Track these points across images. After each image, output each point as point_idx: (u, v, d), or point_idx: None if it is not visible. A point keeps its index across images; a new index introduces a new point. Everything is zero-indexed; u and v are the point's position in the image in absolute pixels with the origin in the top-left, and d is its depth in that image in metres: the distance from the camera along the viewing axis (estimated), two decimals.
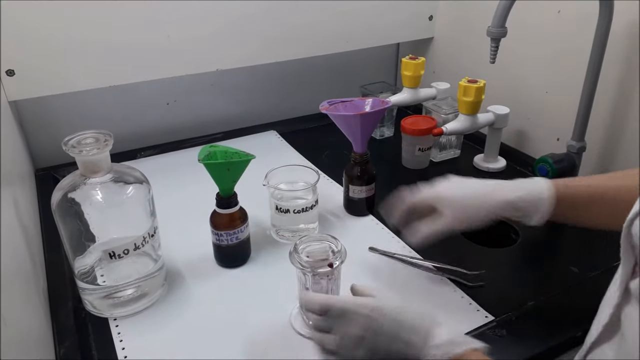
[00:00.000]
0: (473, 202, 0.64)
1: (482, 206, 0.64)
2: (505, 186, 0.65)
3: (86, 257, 0.66)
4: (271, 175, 0.80)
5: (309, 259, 0.60)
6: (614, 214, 0.57)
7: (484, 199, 0.64)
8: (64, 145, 0.60)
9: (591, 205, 0.62)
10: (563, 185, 0.63)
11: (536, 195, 0.63)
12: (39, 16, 0.88)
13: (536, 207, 0.63)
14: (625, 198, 0.57)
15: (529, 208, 0.63)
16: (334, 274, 0.61)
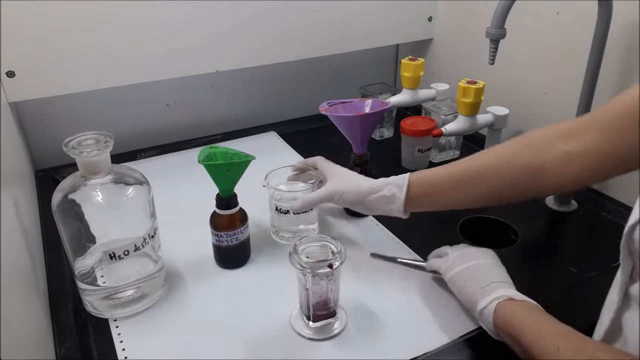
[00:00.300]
0: (351, 180, 0.75)
1: (356, 187, 0.73)
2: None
3: (86, 258, 0.66)
4: (271, 176, 0.80)
5: (308, 260, 0.60)
6: (462, 194, 0.66)
7: (357, 180, 0.74)
8: (65, 147, 0.60)
9: (440, 189, 0.68)
10: (416, 174, 0.70)
11: (399, 182, 0.70)
12: (40, 18, 0.88)
13: (396, 193, 0.69)
14: (469, 176, 0.65)
15: (389, 193, 0.70)
16: (333, 274, 0.61)
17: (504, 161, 0.63)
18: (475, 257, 0.66)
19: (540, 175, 0.60)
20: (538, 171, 0.60)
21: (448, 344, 0.64)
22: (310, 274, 0.60)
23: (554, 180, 0.59)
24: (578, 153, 0.57)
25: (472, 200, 0.66)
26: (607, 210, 0.91)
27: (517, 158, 0.62)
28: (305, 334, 0.65)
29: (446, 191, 0.67)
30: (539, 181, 0.61)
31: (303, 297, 0.64)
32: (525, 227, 0.87)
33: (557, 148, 0.58)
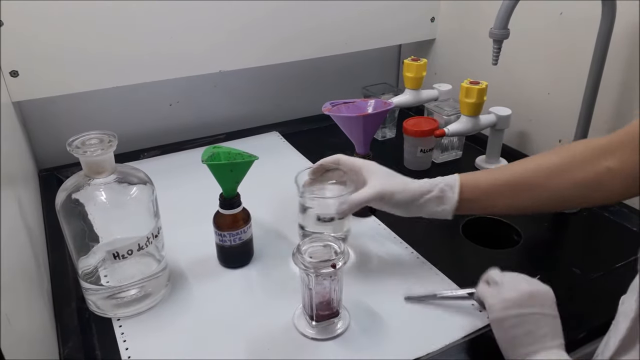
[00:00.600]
0: (395, 179, 0.70)
1: (404, 186, 0.69)
2: None
3: (90, 257, 0.66)
4: (302, 182, 0.76)
5: (312, 260, 0.60)
6: (512, 201, 0.67)
7: (403, 179, 0.71)
8: (69, 146, 0.60)
9: (491, 194, 0.67)
10: (465, 176, 0.69)
11: (450, 183, 0.68)
12: (43, 17, 0.88)
13: (447, 193, 0.68)
14: (520, 184, 0.66)
15: (441, 194, 0.68)
16: (337, 274, 0.61)
17: (555, 174, 0.64)
18: (531, 300, 0.58)
19: (588, 190, 0.63)
20: (586, 186, 0.63)
21: (451, 344, 0.64)
22: (313, 273, 0.60)
23: (600, 194, 0.64)
24: (618, 169, 0.60)
25: (520, 208, 0.68)
26: (610, 211, 0.90)
27: (566, 173, 0.64)
28: (309, 334, 0.65)
29: (496, 198, 0.67)
30: (586, 195, 0.64)
31: (306, 297, 0.64)
32: (528, 227, 0.87)
33: (601, 164, 0.62)
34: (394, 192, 0.68)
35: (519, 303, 0.57)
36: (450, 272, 0.75)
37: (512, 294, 0.58)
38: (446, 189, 0.67)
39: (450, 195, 0.67)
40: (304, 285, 0.63)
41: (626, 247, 0.81)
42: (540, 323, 0.57)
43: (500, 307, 0.58)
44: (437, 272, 0.76)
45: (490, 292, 0.60)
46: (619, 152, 0.61)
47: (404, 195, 0.68)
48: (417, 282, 0.74)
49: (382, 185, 0.68)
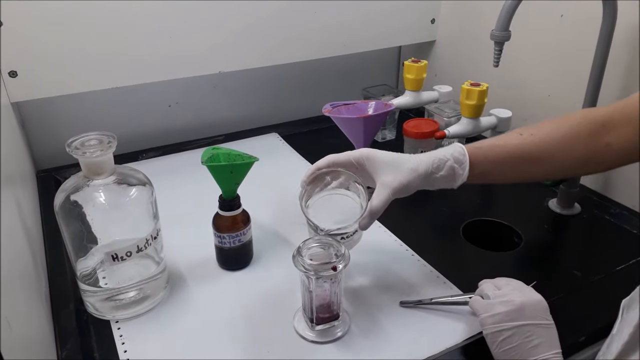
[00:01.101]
0: (401, 167, 0.66)
1: (413, 172, 0.65)
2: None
3: (88, 259, 0.66)
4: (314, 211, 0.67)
5: (312, 262, 0.60)
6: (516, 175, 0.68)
7: (409, 164, 0.66)
8: (68, 147, 0.59)
9: (497, 168, 0.67)
10: (473, 150, 0.67)
11: (459, 158, 0.66)
12: (42, 18, 0.88)
13: (457, 171, 0.66)
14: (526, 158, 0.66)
15: (450, 171, 0.66)
16: (337, 277, 0.61)
17: (559, 150, 0.66)
18: (522, 312, 0.58)
19: (588, 163, 0.66)
20: (586, 161, 0.66)
21: (451, 347, 0.64)
22: (313, 276, 0.60)
23: (599, 166, 0.68)
24: (617, 145, 0.63)
25: (521, 179, 0.71)
26: (611, 214, 0.90)
27: (569, 149, 0.65)
28: (308, 337, 0.64)
29: (502, 173, 0.68)
30: (586, 167, 0.69)
31: (306, 299, 0.63)
32: (528, 230, 0.87)
33: (601, 140, 0.64)
34: (409, 184, 0.65)
35: (510, 317, 0.58)
36: (450, 274, 0.75)
37: (502, 308, 0.59)
38: (455, 166, 0.66)
39: (460, 172, 0.66)
40: (304, 288, 0.63)
41: (627, 250, 0.81)
42: (533, 334, 0.57)
43: (491, 322, 0.59)
44: (437, 274, 0.75)
45: (482, 307, 0.61)
46: (618, 128, 0.63)
47: (416, 183, 0.66)
48: (418, 285, 0.73)
49: (394, 182, 0.64)
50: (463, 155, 0.66)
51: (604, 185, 0.95)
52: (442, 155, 0.66)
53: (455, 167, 0.66)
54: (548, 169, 0.67)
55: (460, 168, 0.66)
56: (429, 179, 0.65)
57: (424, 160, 0.66)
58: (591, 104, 0.86)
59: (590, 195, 0.95)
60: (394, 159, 0.66)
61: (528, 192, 0.99)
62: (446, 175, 0.66)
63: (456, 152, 0.66)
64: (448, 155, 0.66)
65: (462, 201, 0.99)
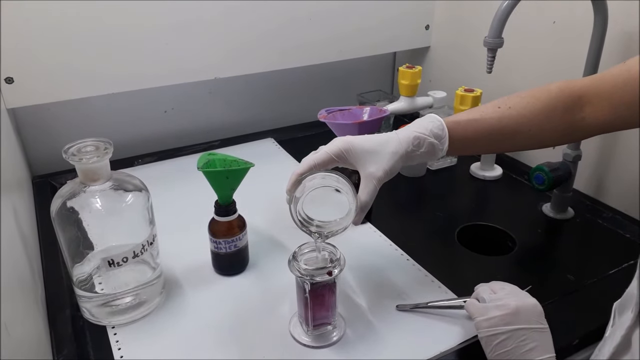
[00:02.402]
0: (382, 153, 0.64)
1: (393, 156, 0.64)
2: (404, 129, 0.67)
3: (84, 264, 0.66)
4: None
5: (307, 267, 0.60)
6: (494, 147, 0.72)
7: (388, 148, 0.64)
8: (64, 153, 0.60)
9: (476, 142, 0.68)
10: (452, 123, 0.67)
11: (439, 134, 0.66)
12: (38, 25, 0.88)
13: (437, 147, 0.66)
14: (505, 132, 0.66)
15: (430, 147, 0.65)
16: (333, 282, 0.62)
17: (536, 125, 0.66)
18: (517, 316, 0.59)
19: (565, 135, 0.68)
20: (563, 133, 0.67)
21: (447, 351, 0.64)
22: (309, 281, 0.60)
23: (576, 138, 0.74)
24: (592, 119, 0.64)
25: (499, 151, 0.77)
26: (604, 218, 0.91)
27: (547, 124, 0.66)
28: (304, 342, 0.64)
29: (480, 146, 0.71)
30: (563, 139, 0.71)
31: (302, 304, 0.64)
32: (522, 234, 0.87)
33: (577, 115, 0.65)
34: (392, 168, 0.64)
35: (505, 321, 0.59)
36: (445, 278, 0.75)
37: (497, 312, 0.59)
38: (435, 142, 0.65)
39: (440, 148, 0.66)
40: (300, 293, 0.63)
41: (619, 254, 0.82)
42: (527, 338, 0.58)
43: (486, 326, 0.59)
44: (432, 279, 0.76)
45: (477, 310, 0.62)
46: (594, 103, 0.64)
47: (399, 164, 0.65)
48: (413, 289, 0.74)
49: (378, 171, 0.63)
50: (442, 130, 0.66)
51: (597, 189, 0.96)
52: (422, 131, 0.65)
53: (434, 143, 0.65)
54: (525, 142, 0.69)
55: (440, 143, 0.65)
56: (410, 157, 0.65)
57: (403, 140, 0.64)
58: None
59: (583, 200, 0.96)
60: (374, 146, 0.64)
61: (522, 196, 1.00)
62: (426, 152, 0.65)
63: (435, 128, 0.65)
64: (427, 132, 0.65)
65: (457, 206, 1.00)
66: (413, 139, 0.65)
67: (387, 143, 0.64)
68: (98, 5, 0.91)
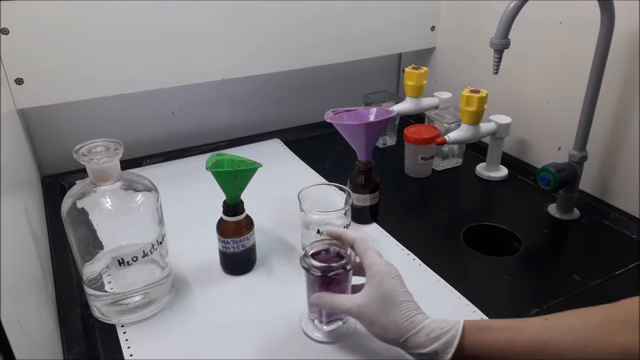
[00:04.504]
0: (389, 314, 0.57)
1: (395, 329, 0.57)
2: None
3: (94, 263, 0.67)
4: (303, 198, 0.77)
5: (319, 264, 0.61)
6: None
7: (398, 316, 0.57)
8: (75, 154, 0.60)
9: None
10: (471, 334, 0.54)
11: (448, 343, 0.54)
12: (47, 26, 0.89)
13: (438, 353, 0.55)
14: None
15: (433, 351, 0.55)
16: (345, 278, 0.62)
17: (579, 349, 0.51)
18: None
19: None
20: None
21: None
22: (321, 277, 0.61)
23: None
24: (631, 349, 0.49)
25: None
26: (610, 219, 0.91)
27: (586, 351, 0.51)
28: (317, 338, 0.65)
29: None
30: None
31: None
32: (528, 235, 0.87)
33: (615, 342, 0.50)
34: (381, 328, 0.57)
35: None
36: (451, 278, 0.76)
37: None
38: (440, 350, 0.54)
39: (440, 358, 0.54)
40: (312, 289, 0.64)
41: (626, 255, 0.82)
42: None
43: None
44: (438, 278, 0.76)
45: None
46: (627, 331, 0.50)
47: (390, 336, 0.57)
48: (419, 289, 0.74)
49: (368, 311, 0.58)
50: (452, 341, 0.54)
51: (603, 190, 0.96)
52: (434, 331, 0.55)
53: (439, 351, 0.54)
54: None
55: (444, 354, 0.54)
56: (408, 350, 0.56)
57: (413, 323, 0.56)
58: (590, 110, 0.87)
59: (589, 201, 0.96)
60: (391, 296, 0.57)
61: (527, 197, 1.00)
62: (427, 355, 0.55)
63: (447, 338, 0.54)
64: (435, 334, 0.55)
65: (463, 206, 1.00)
66: (421, 334, 0.55)
67: (399, 306, 0.57)
68: (107, 6, 0.92)
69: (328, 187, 0.83)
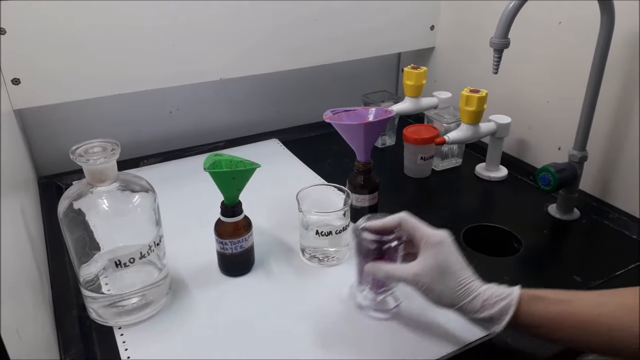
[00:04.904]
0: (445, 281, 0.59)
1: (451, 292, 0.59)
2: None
3: (91, 265, 0.66)
4: (302, 199, 0.78)
5: (374, 236, 0.63)
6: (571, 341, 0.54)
7: (453, 282, 0.59)
8: (72, 154, 0.60)
9: (547, 332, 0.56)
10: (527, 304, 0.56)
11: (504, 309, 0.56)
12: (45, 26, 0.89)
13: (495, 323, 0.57)
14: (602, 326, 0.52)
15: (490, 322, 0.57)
16: (397, 250, 0.64)
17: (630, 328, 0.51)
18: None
19: None
20: None
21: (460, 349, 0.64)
22: (376, 249, 0.63)
23: None
24: None
25: (581, 347, 0.57)
26: (610, 219, 0.91)
27: None
28: (365, 305, 0.68)
29: (553, 335, 0.56)
30: None
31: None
32: (528, 235, 0.87)
33: None
34: (436, 292, 0.59)
35: None
36: None
37: None
38: (495, 316, 0.56)
39: (495, 326, 0.57)
40: (363, 261, 0.65)
41: (626, 255, 0.82)
42: None
43: None
44: None
45: None
46: None
47: (444, 301, 0.59)
48: None
49: (425, 277, 0.59)
50: (508, 307, 0.56)
51: (603, 190, 0.96)
52: (489, 297, 0.57)
53: (495, 317, 0.57)
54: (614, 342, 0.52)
55: (499, 320, 0.56)
56: (462, 313, 0.59)
57: (471, 290, 0.58)
58: (589, 110, 0.87)
59: (589, 201, 0.96)
60: (448, 264, 0.59)
61: (527, 197, 0.99)
62: (481, 321, 0.58)
63: (503, 304, 0.56)
64: (491, 300, 0.57)
65: (462, 206, 0.99)
66: (477, 298, 0.58)
67: (458, 272, 0.59)
68: (104, 6, 0.91)
69: (327, 188, 0.83)
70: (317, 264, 0.78)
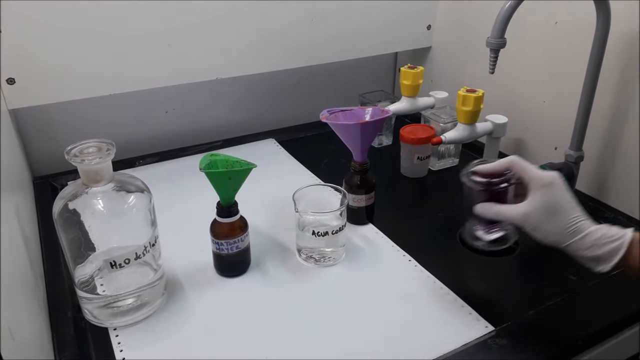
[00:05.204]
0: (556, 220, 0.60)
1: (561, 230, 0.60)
2: None
3: (86, 266, 0.66)
4: (298, 199, 0.78)
5: (483, 179, 0.64)
6: None
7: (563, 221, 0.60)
8: (67, 154, 0.59)
9: None
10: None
11: (615, 249, 0.58)
12: (40, 25, 0.88)
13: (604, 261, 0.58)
14: None
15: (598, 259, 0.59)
16: (506, 192, 0.64)
17: None
18: None
19: None
20: None
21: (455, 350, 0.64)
22: (484, 190, 0.64)
23: None
24: None
25: None
26: (606, 219, 0.91)
27: None
28: (480, 246, 0.69)
29: None
30: None
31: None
32: (524, 235, 0.86)
33: None
34: (543, 230, 0.60)
35: None
36: (447, 280, 0.75)
37: None
38: (603, 257, 0.58)
39: (602, 265, 0.58)
40: (472, 202, 0.66)
41: None
42: None
43: None
44: (434, 279, 0.76)
45: None
46: None
47: (552, 238, 0.60)
48: (415, 291, 0.73)
49: (535, 219, 0.60)
50: (619, 250, 0.57)
51: (600, 190, 0.96)
52: (601, 235, 0.58)
53: (604, 257, 0.58)
54: None
55: (609, 259, 0.58)
56: (570, 250, 0.60)
57: (582, 228, 0.59)
58: (586, 110, 0.87)
59: (585, 201, 0.96)
60: (558, 203, 0.60)
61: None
62: (589, 259, 0.59)
63: (618, 242, 0.57)
64: (604, 238, 0.58)
65: (459, 206, 0.99)
66: (588, 236, 0.58)
67: (567, 210, 0.60)
68: (99, 5, 0.91)
69: (323, 188, 0.83)
70: (313, 264, 0.78)
